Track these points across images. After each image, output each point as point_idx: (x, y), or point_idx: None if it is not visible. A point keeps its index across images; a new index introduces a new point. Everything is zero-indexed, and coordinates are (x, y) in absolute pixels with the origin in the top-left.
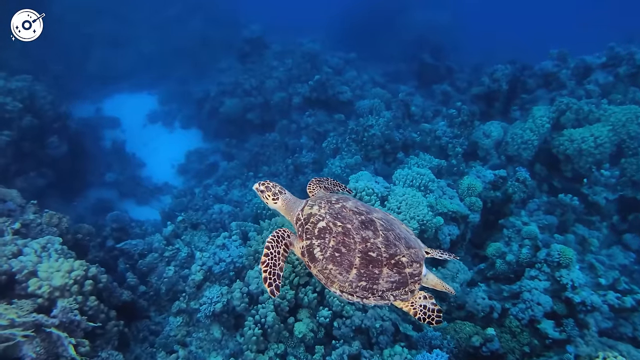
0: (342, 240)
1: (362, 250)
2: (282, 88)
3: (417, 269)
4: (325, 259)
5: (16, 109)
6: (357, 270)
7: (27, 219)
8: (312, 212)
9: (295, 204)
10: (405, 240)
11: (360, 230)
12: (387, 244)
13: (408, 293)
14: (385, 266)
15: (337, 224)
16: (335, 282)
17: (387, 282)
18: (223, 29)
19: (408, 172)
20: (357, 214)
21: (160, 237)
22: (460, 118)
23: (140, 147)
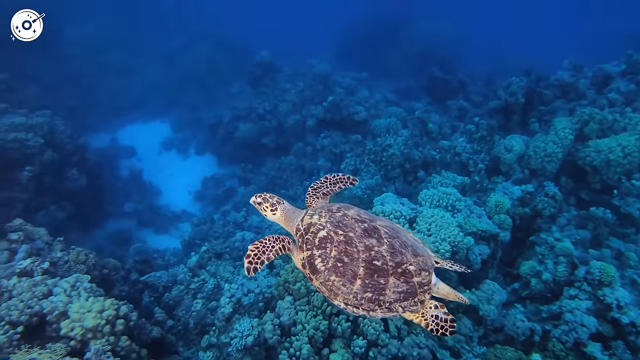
0: (345, 249)
1: (366, 259)
2: (295, 111)
3: (425, 277)
4: (327, 270)
5: (37, 145)
6: (361, 281)
7: (55, 257)
8: (312, 221)
9: (294, 214)
10: (412, 248)
11: (364, 238)
12: (393, 251)
13: (418, 304)
14: (391, 275)
15: (338, 233)
16: (339, 294)
17: (394, 293)
18: (230, 55)
19: (434, 192)
20: (360, 221)
21: (185, 268)
22: (479, 133)
23: (156, 174)
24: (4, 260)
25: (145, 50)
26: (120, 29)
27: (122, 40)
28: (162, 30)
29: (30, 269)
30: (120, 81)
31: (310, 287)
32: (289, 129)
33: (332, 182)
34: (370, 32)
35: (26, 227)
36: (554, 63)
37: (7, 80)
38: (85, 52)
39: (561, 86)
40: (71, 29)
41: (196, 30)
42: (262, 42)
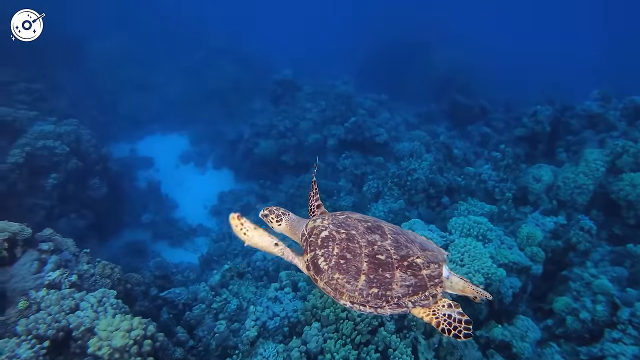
0: (347, 245)
1: (369, 254)
2: (316, 130)
3: (435, 269)
4: (330, 269)
5: (64, 153)
6: (366, 276)
7: (82, 270)
8: (316, 224)
9: (299, 223)
10: (420, 244)
11: (366, 235)
12: (397, 245)
13: (429, 298)
14: (397, 269)
15: (340, 232)
16: (344, 292)
17: (401, 287)
18: (250, 71)
19: (464, 221)
20: (363, 221)
21: (206, 286)
22: (505, 161)
23: (173, 187)
24: (34, 270)
25: (165, 65)
26: (140, 45)
27: (142, 56)
28: (182, 46)
29: (59, 281)
30: (140, 95)
31: (339, 314)
32: (308, 148)
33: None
34: (389, 55)
35: (55, 238)
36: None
37: (40, 90)
38: (107, 67)
39: (589, 117)
40: (93, 45)
41: (216, 46)
42: (282, 60)
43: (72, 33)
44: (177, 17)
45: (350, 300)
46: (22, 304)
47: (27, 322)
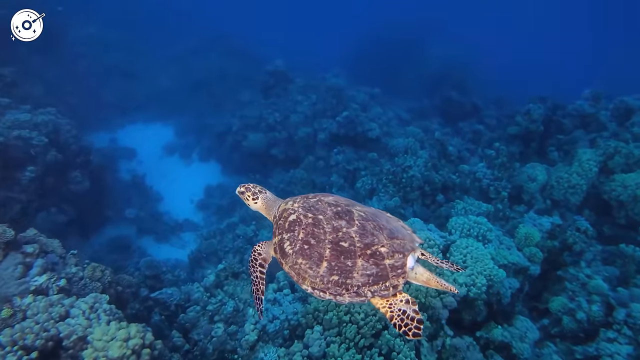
0: (312, 231)
1: (332, 241)
2: (307, 123)
3: (399, 260)
4: (295, 253)
5: (42, 144)
6: (327, 263)
7: (70, 273)
8: (287, 207)
9: (275, 202)
10: (390, 231)
11: (332, 220)
12: (363, 233)
13: (389, 289)
14: (359, 257)
15: (307, 216)
16: (306, 278)
17: (362, 276)
18: (239, 62)
19: (464, 221)
20: (334, 206)
21: (200, 287)
22: (499, 159)
23: (157, 179)
24: (18, 275)
25: (151, 52)
26: (128, 30)
27: (128, 42)
28: (170, 34)
29: (46, 286)
30: (124, 82)
31: (342, 317)
32: (299, 141)
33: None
34: (383, 49)
35: (40, 239)
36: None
37: (12, 74)
38: (91, 51)
39: (580, 116)
40: (77, 29)
41: (205, 35)
42: (272, 51)
43: (51, 16)
44: (166, 6)
45: (311, 286)
46: (5, 312)
47: (12, 331)
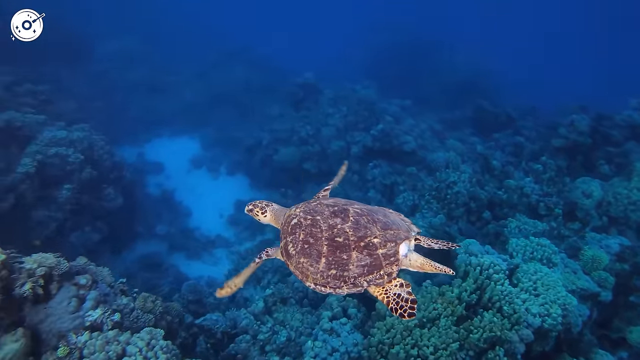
0: (310, 231)
1: (329, 238)
2: (339, 136)
3: (391, 248)
4: (297, 254)
5: (77, 161)
6: (325, 259)
7: (121, 304)
8: (290, 213)
9: (281, 212)
10: (384, 223)
11: (329, 219)
12: (357, 227)
13: (384, 277)
14: (354, 250)
15: (307, 218)
16: (308, 275)
17: (357, 267)
18: (265, 75)
19: (526, 243)
20: (331, 206)
21: (248, 313)
22: (547, 174)
23: (186, 194)
24: (72, 309)
25: (176, 67)
26: (152, 45)
27: (153, 57)
28: (193, 48)
29: (101, 321)
30: (149, 97)
31: (410, 351)
32: (332, 155)
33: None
34: (406, 58)
35: (90, 267)
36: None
37: (47, 91)
38: (117, 67)
39: (631, 127)
40: (102, 45)
41: (227, 48)
42: (298, 63)
43: (78, 32)
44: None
45: (313, 282)
46: (62, 351)
47: None
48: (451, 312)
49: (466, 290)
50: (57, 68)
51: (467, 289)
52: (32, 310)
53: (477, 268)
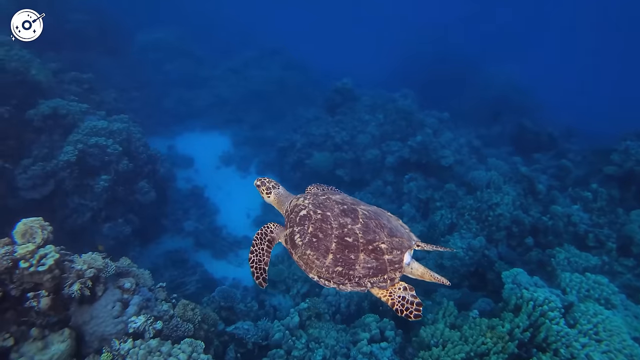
0: (320, 226)
1: (338, 236)
2: (374, 145)
3: (397, 256)
4: (304, 245)
5: (116, 152)
6: (333, 256)
7: (161, 311)
8: (298, 202)
9: (287, 198)
10: (390, 230)
11: (339, 217)
12: (366, 230)
13: (387, 281)
14: (362, 252)
15: (317, 212)
16: (313, 267)
17: (363, 268)
18: (298, 76)
19: (582, 279)
20: (341, 204)
21: (281, 326)
22: (598, 203)
23: (213, 190)
24: (116, 313)
25: (212, 61)
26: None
27: (190, 50)
28: (231, 43)
29: (143, 329)
30: (184, 89)
31: None
32: (366, 164)
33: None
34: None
35: (133, 269)
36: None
37: (90, 80)
38: (155, 58)
39: None
40: (141, 36)
41: (265, 47)
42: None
43: (118, 22)
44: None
45: (317, 275)
46: (105, 357)
47: None
48: (502, 349)
49: (519, 327)
50: (97, 57)
51: (519, 325)
52: (78, 310)
53: (530, 303)
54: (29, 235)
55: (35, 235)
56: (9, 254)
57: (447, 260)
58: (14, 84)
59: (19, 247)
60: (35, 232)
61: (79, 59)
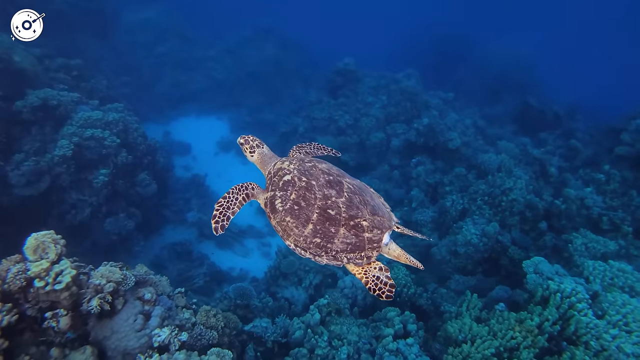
0: (304, 194)
1: (321, 207)
2: (379, 127)
3: (377, 235)
4: (284, 211)
5: (114, 145)
6: (313, 226)
7: (183, 319)
8: (283, 166)
9: (271, 159)
10: (373, 207)
11: (324, 188)
12: (350, 205)
13: (363, 258)
14: (342, 226)
15: (302, 179)
16: (291, 235)
17: (342, 243)
18: (295, 56)
19: (605, 267)
20: (327, 174)
21: (301, 323)
22: (611, 185)
23: (213, 178)
24: (139, 327)
25: (205, 41)
26: (181, 17)
27: (182, 30)
28: (224, 23)
29: (168, 341)
30: (177, 72)
31: None
32: (371, 147)
33: (316, 147)
34: (445, 48)
35: (151, 277)
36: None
37: (79, 67)
38: (144, 39)
39: None
40: (129, 16)
41: (259, 25)
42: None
43: (105, 1)
44: None
45: (294, 243)
46: None
47: None
48: (532, 343)
49: (548, 320)
50: (83, 40)
51: (549, 318)
52: (97, 324)
53: (558, 295)
54: (41, 250)
55: (48, 250)
56: (21, 272)
57: (460, 247)
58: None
59: (32, 265)
60: (48, 247)
61: (63, 43)
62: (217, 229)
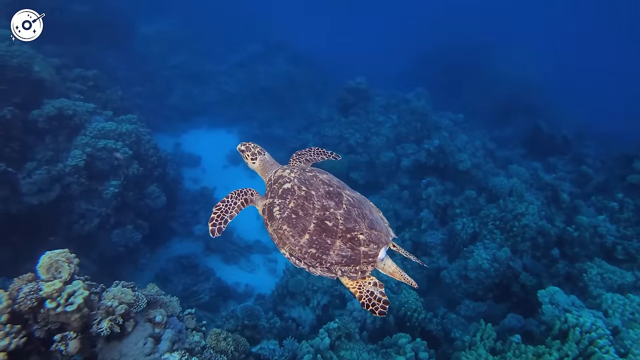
0: (302, 203)
1: (319, 217)
2: (389, 147)
3: (373, 249)
4: (282, 219)
5: (126, 156)
6: (309, 236)
7: (193, 342)
8: (283, 174)
9: (272, 166)
10: (370, 221)
11: (323, 199)
12: (348, 217)
13: (358, 272)
14: (339, 239)
15: (302, 188)
16: (287, 243)
17: (337, 255)
18: (307, 72)
19: (625, 302)
20: (327, 185)
21: (309, 347)
22: (625, 214)
23: (222, 191)
24: (148, 351)
25: (217, 55)
26: (195, 31)
27: (195, 43)
28: (237, 37)
29: None
30: (189, 85)
31: None
32: (381, 167)
33: (316, 152)
34: (454, 70)
35: (161, 298)
36: None
37: (95, 77)
38: (158, 51)
39: None
40: (143, 28)
41: (274, 40)
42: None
43: (120, 13)
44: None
45: (289, 252)
46: None
47: None
48: None
49: (568, 356)
50: (99, 50)
51: (569, 354)
52: (105, 347)
53: (577, 329)
54: (55, 269)
55: (61, 269)
56: (33, 292)
57: (471, 272)
58: (16, 81)
59: (45, 285)
60: (62, 266)
61: (80, 53)
62: (214, 231)
